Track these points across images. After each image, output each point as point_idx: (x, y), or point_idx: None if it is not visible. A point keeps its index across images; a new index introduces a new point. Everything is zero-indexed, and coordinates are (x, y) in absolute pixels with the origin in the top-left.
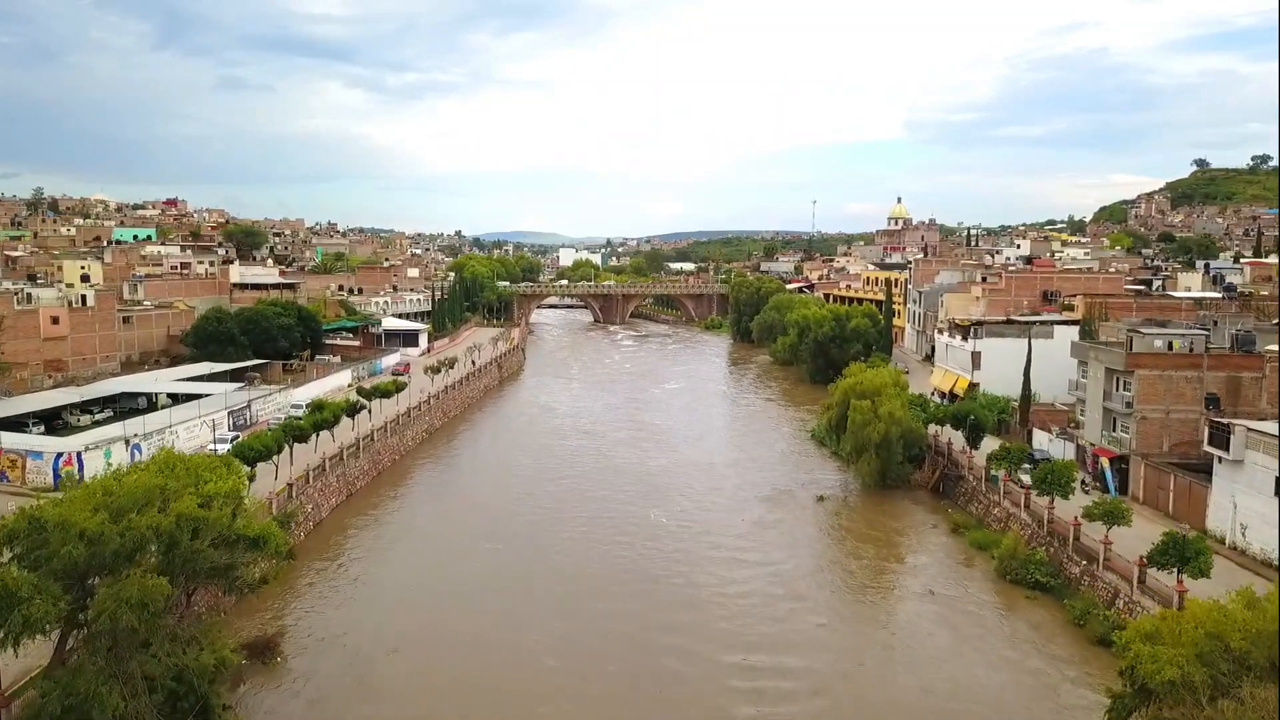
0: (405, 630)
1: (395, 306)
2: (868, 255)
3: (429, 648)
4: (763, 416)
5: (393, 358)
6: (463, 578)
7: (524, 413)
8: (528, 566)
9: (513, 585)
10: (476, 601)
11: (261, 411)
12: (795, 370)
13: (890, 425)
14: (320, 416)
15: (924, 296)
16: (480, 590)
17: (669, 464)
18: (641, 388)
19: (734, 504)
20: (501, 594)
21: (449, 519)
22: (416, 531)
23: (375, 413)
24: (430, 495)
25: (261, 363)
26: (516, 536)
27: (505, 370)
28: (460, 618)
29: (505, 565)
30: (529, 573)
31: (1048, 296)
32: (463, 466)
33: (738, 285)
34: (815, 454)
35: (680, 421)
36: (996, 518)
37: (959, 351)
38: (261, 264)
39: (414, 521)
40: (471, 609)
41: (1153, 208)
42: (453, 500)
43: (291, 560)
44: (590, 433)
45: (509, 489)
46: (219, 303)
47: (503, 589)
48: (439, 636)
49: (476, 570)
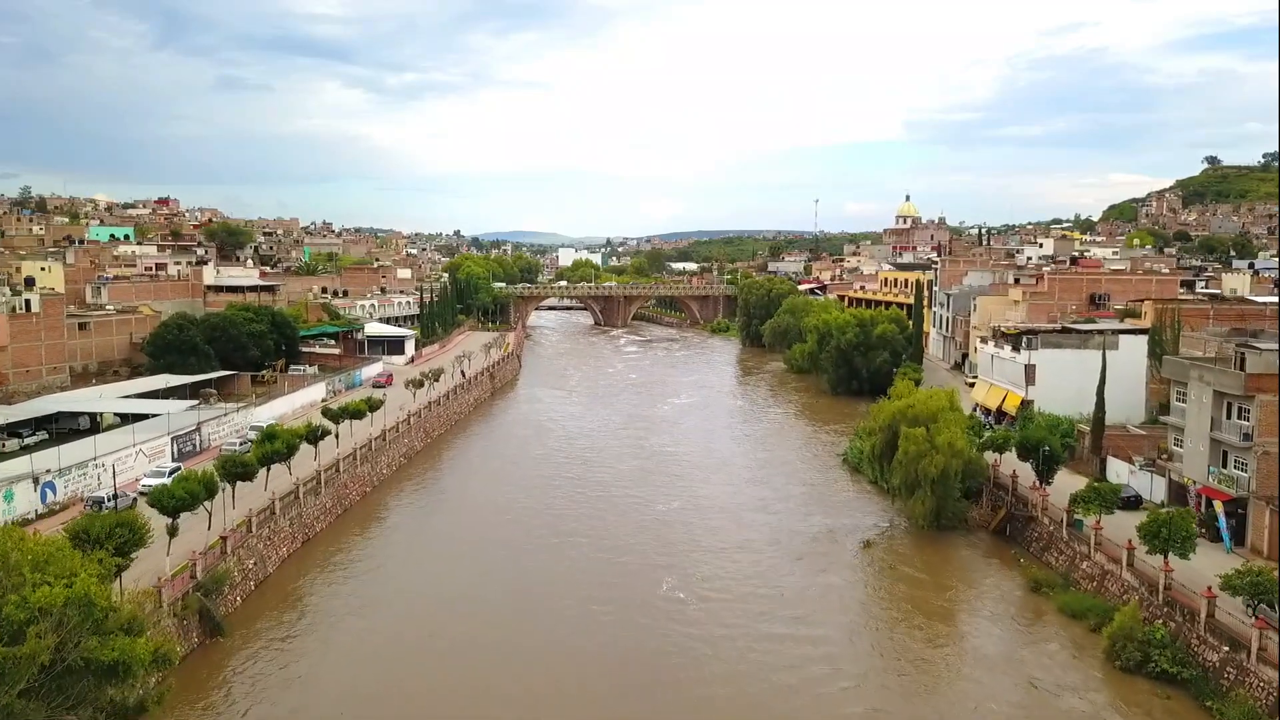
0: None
1: (383, 310)
2: (877, 255)
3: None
4: (786, 437)
5: (374, 368)
6: (429, 671)
7: (516, 433)
8: (509, 654)
9: (488, 687)
10: (444, 704)
11: (215, 435)
12: (813, 380)
13: (950, 458)
14: (271, 448)
15: (952, 299)
16: (449, 690)
17: (684, 507)
18: (648, 403)
19: (766, 563)
20: (476, 694)
21: (420, 575)
22: (380, 595)
23: (347, 436)
24: (402, 542)
25: (227, 374)
26: (497, 607)
27: (498, 381)
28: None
29: (482, 651)
30: (510, 664)
31: (1095, 300)
32: (442, 503)
33: (747, 287)
34: (850, 483)
35: (694, 446)
36: (1087, 574)
37: (1008, 364)
38: (244, 264)
39: (378, 581)
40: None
41: (1164, 206)
42: (427, 550)
43: (220, 639)
44: (590, 461)
45: (493, 536)
46: (192, 306)
47: (477, 691)
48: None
49: (446, 661)
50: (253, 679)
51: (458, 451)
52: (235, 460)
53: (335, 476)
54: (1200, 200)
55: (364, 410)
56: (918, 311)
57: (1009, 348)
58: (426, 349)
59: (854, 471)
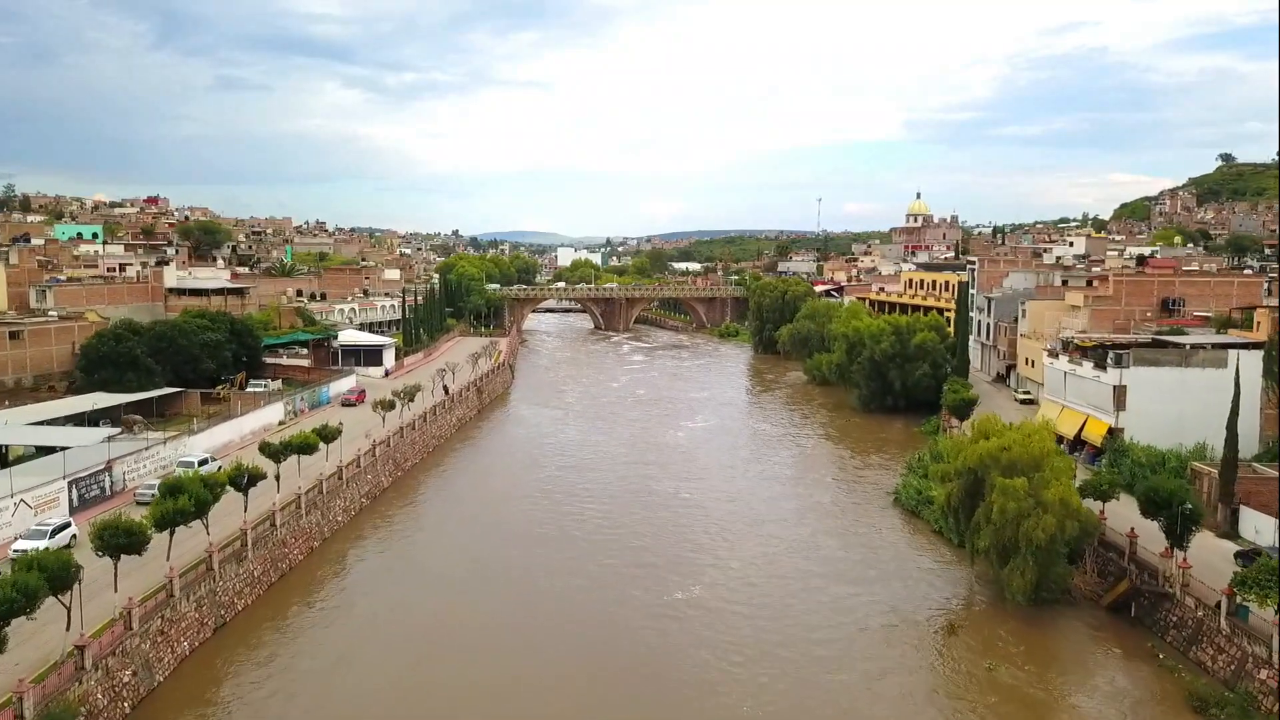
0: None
1: (364, 315)
2: (889, 254)
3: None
4: (822, 471)
5: (345, 382)
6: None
7: (501, 468)
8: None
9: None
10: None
11: (133, 474)
12: (839, 393)
13: (1065, 519)
14: (173, 506)
15: (994, 304)
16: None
17: (714, 597)
18: (657, 426)
19: (821, 672)
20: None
21: (379, 674)
22: (322, 702)
23: (296, 474)
24: (356, 622)
25: (173, 392)
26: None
27: (487, 396)
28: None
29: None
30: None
31: (1169, 306)
32: (409, 561)
33: (759, 289)
34: (908, 535)
35: (716, 492)
36: (1268, 687)
37: (1089, 383)
38: (219, 265)
39: (318, 681)
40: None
41: (1177, 205)
42: (387, 634)
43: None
44: (588, 515)
45: (471, 620)
46: (151, 311)
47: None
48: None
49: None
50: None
51: (432, 490)
52: (117, 528)
53: (270, 533)
54: (1215, 198)
55: (313, 444)
56: (962, 318)
57: (1089, 364)
58: (410, 358)
59: (910, 516)
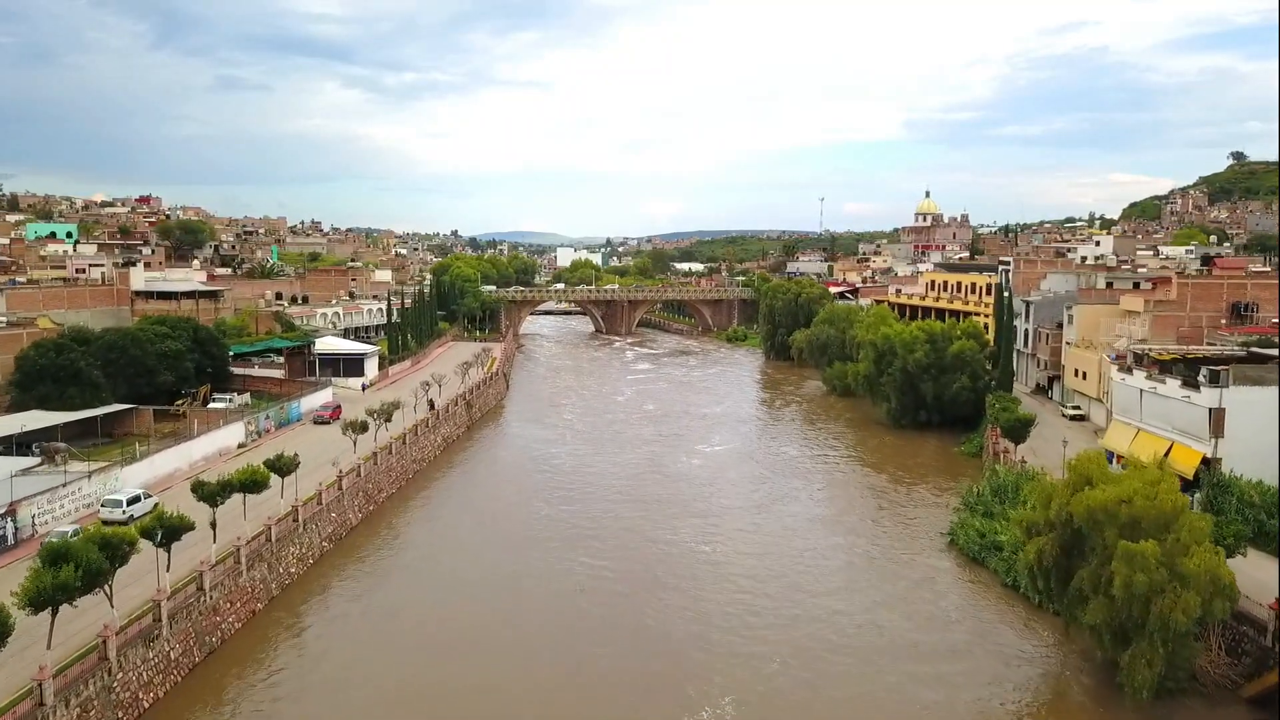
0: None
1: (349, 319)
2: (898, 254)
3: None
4: (863, 508)
5: (320, 396)
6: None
7: (488, 504)
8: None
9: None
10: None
11: (46, 516)
12: (863, 405)
13: (1213, 598)
14: (50, 581)
15: (1034, 309)
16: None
17: (745, 700)
18: (670, 452)
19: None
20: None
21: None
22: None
23: (254, 505)
24: (295, 716)
25: (123, 409)
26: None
27: (478, 410)
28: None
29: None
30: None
31: (1239, 311)
32: (371, 631)
33: (771, 292)
34: (971, 590)
35: (743, 544)
36: None
37: (1174, 404)
38: (199, 266)
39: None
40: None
41: (1189, 204)
42: None
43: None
44: (584, 572)
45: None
46: (116, 316)
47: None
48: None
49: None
50: None
51: (407, 530)
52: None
53: (197, 600)
54: (1227, 197)
55: (262, 479)
56: (1006, 325)
57: (1175, 381)
58: (396, 367)
59: (971, 565)
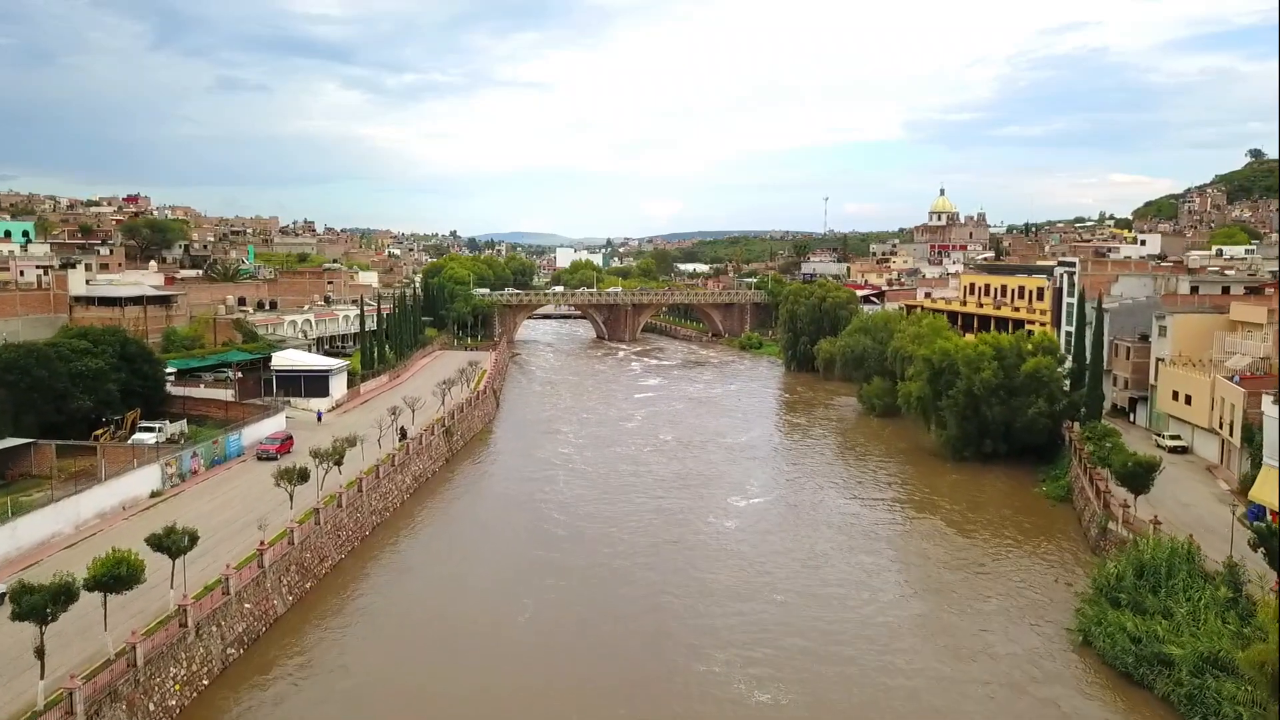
0: None
1: (322, 327)
2: (914, 254)
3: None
4: (954, 592)
5: (268, 424)
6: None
7: (459, 583)
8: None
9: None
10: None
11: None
12: (909, 428)
13: None
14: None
15: (1111, 318)
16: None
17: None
18: (694, 505)
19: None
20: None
21: None
22: None
23: (129, 602)
24: None
25: (19, 444)
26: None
27: (460, 438)
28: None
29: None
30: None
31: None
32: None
33: (791, 296)
34: None
35: (820, 682)
36: None
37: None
38: (157, 268)
39: None
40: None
41: (1207, 202)
42: None
43: None
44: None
45: None
46: (51, 324)
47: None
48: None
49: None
50: None
51: (349, 632)
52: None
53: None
54: (1246, 195)
55: (130, 575)
56: (1096, 337)
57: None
58: (369, 384)
59: (1120, 681)
